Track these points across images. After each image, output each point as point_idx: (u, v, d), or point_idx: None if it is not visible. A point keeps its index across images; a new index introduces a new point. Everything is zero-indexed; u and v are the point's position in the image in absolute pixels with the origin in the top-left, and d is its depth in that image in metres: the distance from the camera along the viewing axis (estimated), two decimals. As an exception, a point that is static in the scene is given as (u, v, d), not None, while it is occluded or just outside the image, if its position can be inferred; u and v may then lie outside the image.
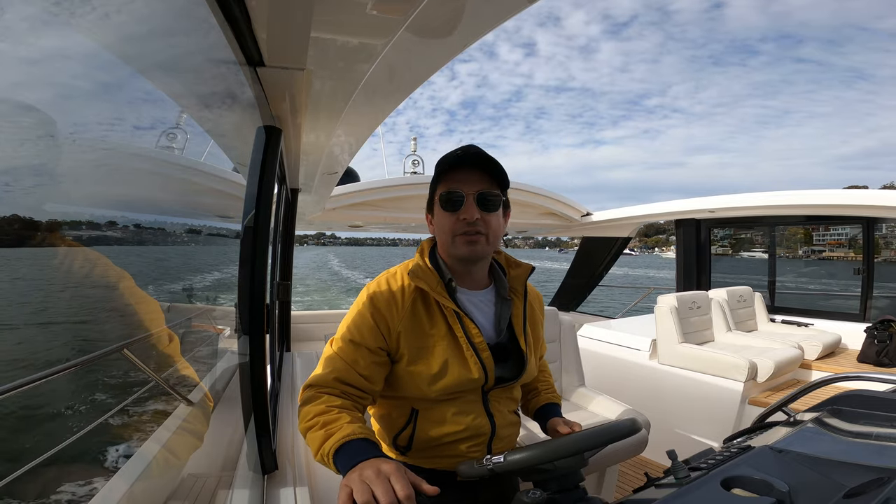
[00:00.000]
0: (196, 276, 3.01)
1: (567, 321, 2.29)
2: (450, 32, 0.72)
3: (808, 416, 0.89)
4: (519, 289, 0.97)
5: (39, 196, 0.62)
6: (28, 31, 0.42)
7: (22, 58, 0.45)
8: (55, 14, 0.46)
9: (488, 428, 0.90)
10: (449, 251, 0.89)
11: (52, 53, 0.50)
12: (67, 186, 0.71)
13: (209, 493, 1.32)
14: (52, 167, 0.63)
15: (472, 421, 0.88)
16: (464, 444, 0.89)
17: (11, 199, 0.55)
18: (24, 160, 0.55)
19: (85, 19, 0.50)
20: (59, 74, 0.56)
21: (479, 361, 0.86)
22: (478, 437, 0.89)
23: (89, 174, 0.81)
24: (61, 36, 0.49)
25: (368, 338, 0.85)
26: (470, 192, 0.85)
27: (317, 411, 0.77)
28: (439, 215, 0.89)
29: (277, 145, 1.03)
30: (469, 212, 0.84)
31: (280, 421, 1.44)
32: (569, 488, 0.69)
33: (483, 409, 0.90)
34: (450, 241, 0.87)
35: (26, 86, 0.49)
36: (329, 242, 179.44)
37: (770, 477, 0.58)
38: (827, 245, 5.91)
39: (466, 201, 0.85)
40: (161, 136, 1.36)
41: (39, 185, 0.60)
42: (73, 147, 0.67)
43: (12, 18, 0.39)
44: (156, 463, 1.24)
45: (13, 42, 0.42)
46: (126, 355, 1.37)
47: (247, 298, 0.95)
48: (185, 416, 1.60)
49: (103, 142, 0.85)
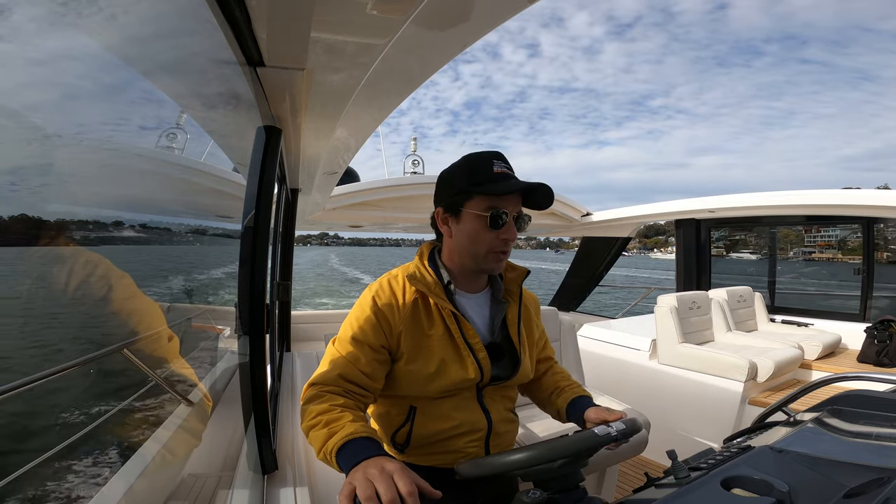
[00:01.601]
0: (196, 275, 3.01)
1: (567, 321, 2.29)
2: (450, 31, 0.72)
3: (808, 416, 0.89)
4: (514, 291, 0.98)
5: (39, 196, 0.62)
6: (28, 32, 0.42)
7: (23, 58, 0.45)
8: (55, 14, 0.46)
9: (484, 423, 0.91)
10: (479, 264, 0.89)
11: (52, 54, 0.50)
12: (65, 186, 0.71)
13: (209, 492, 1.32)
14: (50, 167, 0.63)
15: (467, 416, 0.90)
16: (461, 440, 0.90)
17: (11, 199, 0.55)
18: (22, 160, 0.55)
19: (85, 20, 0.50)
20: (60, 75, 0.56)
21: (476, 361, 0.88)
22: (474, 432, 0.90)
23: (88, 174, 0.81)
24: (61, 36, 0.49)
25: (371, 335, 0.86)
26: (512, 212, 0.87)
27: (319, 410, 0.77)
28: (477, 229, 0.86)
29: (277, 145, 1.03)
30: (511, 232, 0.86)
31: (280, 421, 1.45)
32: (569, 488, 0.69)
33: (478, 404, 0.91)
34: (482, 255, 0.88)
35: (26, 86, 0.49)
36: (332, 242, 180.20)
37: (770, 477, 0.58)
38: (817, 246, 5.96)
39: (508, 221, 0.86)
40: (161, 136, 1.36)
41: (39, 185, 0.60)
42: (72, 147, 0.67)
43: (14, 19, 0.39)
44: (156, 463, 1.24)
45: (14, 43, 0.42)
46: (126, 355, 1.37)
47: (247, 298, 0.95)
48: (185, 415, 1.60)
49: (103, 141, 0.85)
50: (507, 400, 0.98)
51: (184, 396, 1.64)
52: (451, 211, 0.90)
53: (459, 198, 0.88)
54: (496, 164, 0.86)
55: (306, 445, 1.23)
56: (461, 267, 0.92)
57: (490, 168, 0.85)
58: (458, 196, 0.88)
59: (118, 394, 1.61)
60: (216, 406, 1.94)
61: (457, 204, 0.88)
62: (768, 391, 2.49)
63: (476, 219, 0.86)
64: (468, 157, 0.89)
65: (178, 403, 1.63)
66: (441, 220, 0.93)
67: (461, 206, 0.88)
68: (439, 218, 0.93)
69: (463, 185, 0.87)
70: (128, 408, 1.59)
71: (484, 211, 0.85)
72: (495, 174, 0.85)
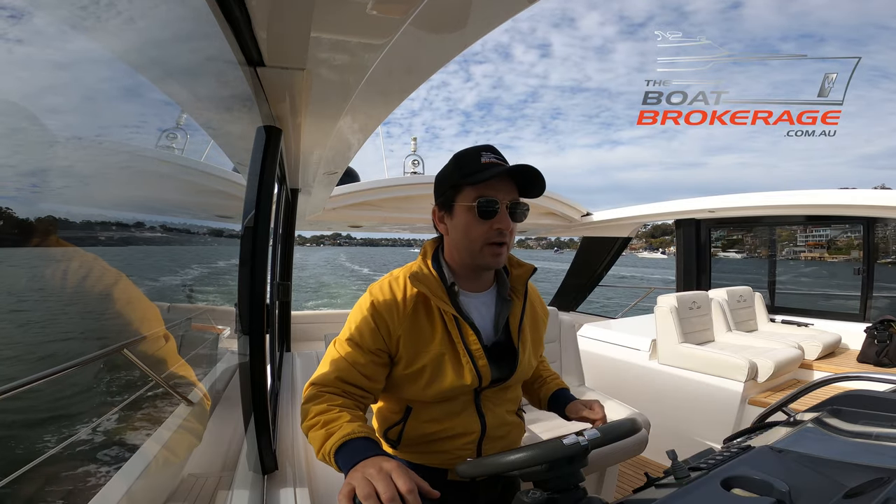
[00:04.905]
0: (195, 275, 3.00)
1: (567, 321, 2.29)
2: (450, 32, 0.72)
3: (808, 416, 0.89)
4: (520, 288, 0.97)
5: (38, 196, 0.62)
6: (29, 32, 0.42)
7: (23, 58, 0.45)
8: (56, 14, 0.46)
9: (478, 427, 0.90)
10: (475, 259, 0.88)
11: (52, 54, 0.50)
12: (63, 186, 0.71)
13: (209, 492, 1.32)
14: (49, 167, 0.63)
15: (461, 420, 0.89)
16: (452, 442, 0.89)
17: (11, 199, 0.55)
18: (20, 160, 0.55)
19: (85, 20, 0.50)
20: (60, 74, 0.56)
21: (475, 368, 0.86)
22: (466, 435, 0.90)
23: (87, 173, 0.81)
24: (61, 36, 0.49)
25: (369, 340, 0.85)
26: (504, 200, 0.84)
27: (318, 410, 0.77)
28: (468, 221, 0.85)
29: (277, 145, 1.03)
30: (504, 222, 0.84)
31: (280, 421, 1.45)
32: (568, 488, 0.69)
33: (474, 408, 0.91)
34: (477, 248, 0.86)
35: (26, 86, 0.49)
36: (344, 243, 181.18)
37: (770, 477, 0.58)
38: (807, 246, 6.03)
39: (500, 210, 0.84)
40: (161, 136, 1.36)
41: (37, 185, 0.60)
42: (72, 147, 0.67)
43: (14, 19, 0.39)
44: (156, 463, 1.24)
45: (14, 43, 0.42)
46: (126, 355, 1.37)
47: (247, 298, 0.95)
48: (186, 415, 1.60)
49: (102, 141, 0.85)
50: (509, 402, 0.97)
51: (184, 396, 1.65)
52: (444, 207, 0.90)
53: (450, 192, 0.87)
54: (484, 156, 0.85)
55: (306, 445, 1.24)
56: (461, 264, 0.91)
57: (478, 160, 0.85)
58: (449, 191, 0.88)
59: (118, 394, 1.61)
60: (216, 406, 1.95)
61: (449, 199, 0.88)
62: (768, 391, 2.49)
63: (467, 211, 0.85)
64: (458, 153, 0.89)
65: (179, 403, 1.63)
66: (437, 218, 0.92)
67: (453, 201, 0.87)
68: (435, 216, 0.93)
69: (453, 180, 0.86)
70: (128, 408, 1.59)
71: (472, 201, 0.84)
72: (483, 164, 0.84)
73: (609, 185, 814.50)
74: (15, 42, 0.41)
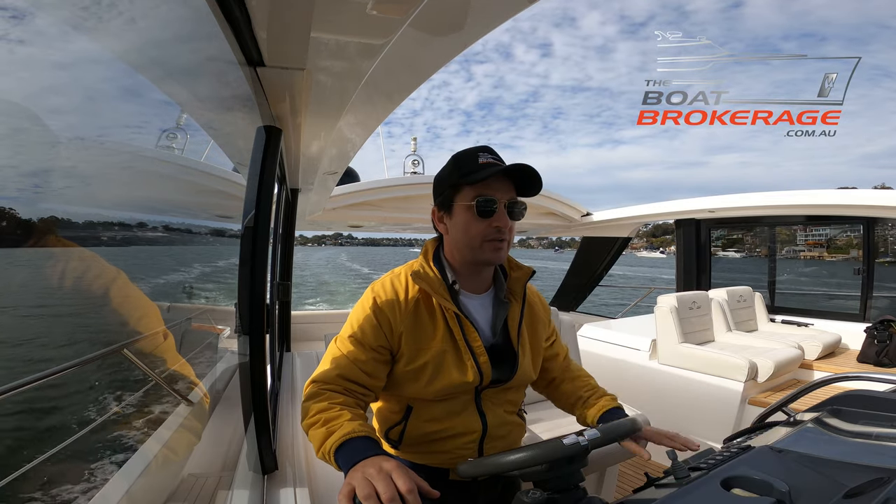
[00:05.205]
0: (195, 275, 3.00)
1: (567, 321, 2.29)
2: (451, 32, 0.72)
3: (808, 416, 0.89)
4: (518, 291, 0.97)
5: (37, 196, 0.62)
6: (28, 32, 0.42)
7: (23, 58, 0.45)
8: (56, 15, 0.46)
9: (479, 426, 0.91)
10: (475, 256, 0.89)
11: (52, 54, 0.50)
12: (65, 187, 0.71)
13: (209, 492, 1.32)
14: (51, 167, 0.63)
15: (462, 419, 0.90)
16: (453, 442, 0.90)
17: (11, 199, 0.55)
18: (19, 161, 0.55)
19: (85, 20, 0.50)
20: (59, 74, 0.56)
21: (476, 365, 0.87)
22: (467, 434, 0.90)
23: (88, 174, 0.81)
24: (61, 37, 0.49)
25: (371, 336, 0.86)
26: (502, 199, 0.86)
27: (319, 408, 0.77)
28: (468, 220, 0.87)
29: (277, 145, 1.03)
30: (503, 220, 0.86)
31: (280, 421, 1.44)
32: (569, 488, 0.69)
33: (475, 408, 0.91)
34: (477, 245, 0.87)
35: (26, 86, 0.49)
36: (346, 242, 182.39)
37: (770, 477, 0.58)
38: (806, 245, 6.06)
39: (499, 209, 0.86)
40: (161, 136, 1.36)
41: (36, 185, 0.60)
42: (73, 147, 0.67)
43: (14, 19, 0.39)
44: (156, 462, 1.24)
45: (14, 43, 0.42)
46: (126, 355, 1.37)
47: (247, 298, 0.95)
48: (186, 415, 1.60)
49: (104, 141, 0.85)
50: (510, 403, 0.97)
51: (184, 396, 1.65)
52: (444, 208, 0.91)
53: (449, 193, 0.89)
54: (482, 156, 0.87)
55: (306, 445, 1.24)
56: (462, 262, 0.92)
57: (476, 160, 0.86)
58: (448, 191, 0.89)
59: (118, 394, 1.61)
60: (216, 406, 1.94)
61: (448, 199, 0.90)
62: (768, 391, 2.49)
63: (465, 210, 0.87)
64: (456, 154, 0.91)
65: (179, 403, 1.63)
66: (437, 218, 0.94)
67: (452, 201, 0.89)
68: (435, 217, 0.94)
69: (452, 180, 0.88)
70: (128, 407, 1.59)
71: (471, 201, 0.86)
72: (481, 165, 0.86)
73: (610, 185, 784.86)
74: (17, 43, 0.41)
